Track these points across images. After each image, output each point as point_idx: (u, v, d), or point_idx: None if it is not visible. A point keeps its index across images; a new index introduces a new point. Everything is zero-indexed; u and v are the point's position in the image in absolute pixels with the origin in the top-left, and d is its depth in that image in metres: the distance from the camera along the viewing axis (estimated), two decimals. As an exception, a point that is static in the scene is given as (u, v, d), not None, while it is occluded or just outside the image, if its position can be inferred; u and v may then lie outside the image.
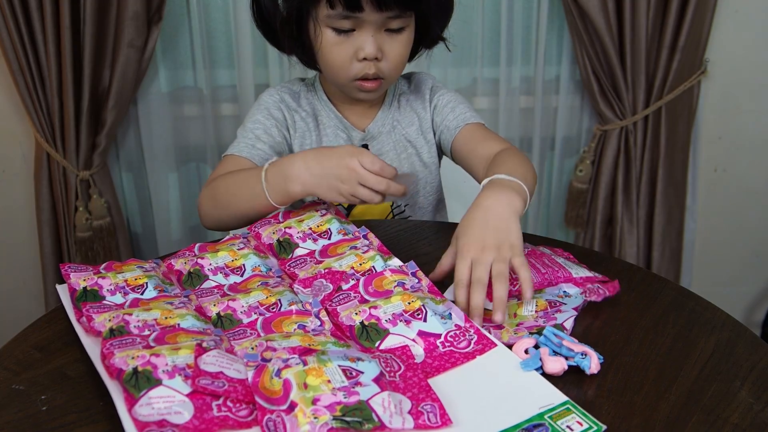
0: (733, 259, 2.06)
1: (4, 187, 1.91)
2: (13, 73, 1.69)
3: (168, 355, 0.68)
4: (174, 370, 0.67)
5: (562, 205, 1.99)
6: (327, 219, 0.99)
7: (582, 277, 0.89)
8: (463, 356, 0.74)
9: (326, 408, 0.63)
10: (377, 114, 1.22)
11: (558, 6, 1.80)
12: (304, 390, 0.64)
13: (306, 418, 0.62)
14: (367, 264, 0.87)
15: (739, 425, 0.65)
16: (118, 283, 0.85)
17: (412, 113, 1.24)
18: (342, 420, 0.62)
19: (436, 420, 0.64)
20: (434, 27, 1.14)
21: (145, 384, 0.65)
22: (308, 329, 0.78)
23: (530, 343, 0.75)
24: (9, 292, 2.01)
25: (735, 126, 1.93)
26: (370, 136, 1.21)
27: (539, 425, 0.63)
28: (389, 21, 1.05)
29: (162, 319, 0.78)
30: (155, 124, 1.84)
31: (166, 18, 1.75)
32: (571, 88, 1.89)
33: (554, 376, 0.71)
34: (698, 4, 1.70)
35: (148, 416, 0.63)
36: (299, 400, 0.63)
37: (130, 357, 0.68)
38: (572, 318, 0.81)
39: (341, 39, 1.06)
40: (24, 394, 0.69)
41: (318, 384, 0.65)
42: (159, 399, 0.64)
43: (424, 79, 1.27)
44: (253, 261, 0.92)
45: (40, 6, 1.63)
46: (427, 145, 1.24)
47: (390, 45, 1.08)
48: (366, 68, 1.08)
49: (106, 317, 0.77)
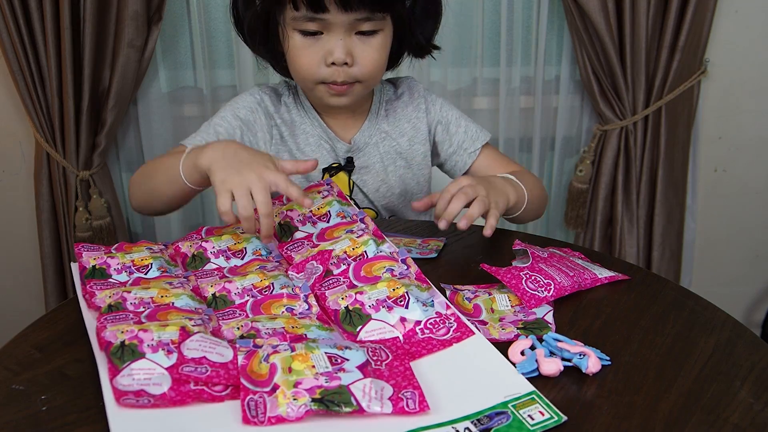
0: (733, 259, 2.06)
1: (4, 187, 1.91)
2: (13, 73, 1.70)
3: (155, 331, 0.72)
4: (158, 345, 0.70)
5: (562, 205, 1.99)
6: (328, 201, 0.99)
7: (606, 277, 0.91)
8: (440, 343, 0.76)
9: (306, 391, 0.65)
10: (363, 124, 1.17)
11: (558, 6, 1.80)
12: (288, 374, 0.67)
13: (285, 399, 0.65)
14: (359, 249, 0.89)
15: (739, 425, 0.65)
16: (125, 263, 0.89)
17: (404, 123, 1.19)
18: (320, 402, 0.65)
19: (415, 406, 0.66)
20: (417, 32, 1.10)
21: (129, 356, 0.69)
22: (295, 312, 0.81)
23: (526, 344, 0.75)
24: (9, 292, 2.01)
25: (735, 126, 1.93)
26: (356, 147, 1.17)
27: (502, 413, 0.64)
28: (359, 23, 1.01)
29: (158, 297, 0.81)
30: (155, 124, 1.84)
31: (166, 18, 1.75)
32: (571, 88, 1.89)
33: (551, 377, 0.71)
34: (698, 4, 1.70)
35: (128, 386, 0.67)
36: (282, 383, 0.66)
37: (120, 331, 0.72)
38: (550, 312, 0.82)
39: (309, 42, 1.03)
40: (24, 394, 0.69)
41: (302, 369, 0.67)
42: (140, 371, 0.68)
43: (414, 85, 1.21)
44: (255, 244, 0.95)
45: (40, 6, 1.63)
46: (418, 157, 1.19)
47: (361, 49, 1.03)
48: (335, 74, 1.03)
49: (107, 294, 0.82)
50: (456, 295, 0.86)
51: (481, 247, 1.01)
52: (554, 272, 0.87)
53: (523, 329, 0.79)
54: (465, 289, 0.88)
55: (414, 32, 1.10)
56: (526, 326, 0.80)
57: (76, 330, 0.80)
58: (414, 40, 1.12)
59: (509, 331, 0.79)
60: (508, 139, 1.91)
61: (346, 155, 1.17)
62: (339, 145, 1.16)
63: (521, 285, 0.85)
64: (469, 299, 0.85)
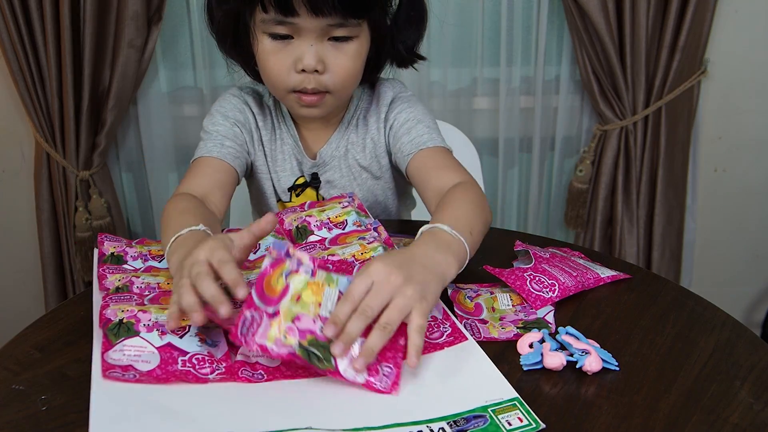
0: (733, 259, 2.06)
1: (4, 187, 1.91)
2: (13, 73, 1.70)
3: (154, 312, 0.75)
4: (154, 326, 0.73)
5: (562, 205, 1.99)
6: (346, 211, 1.00)
7: (609, 276, 0.91)
8: (432, 346, 0.77)
9: (299, 332, 0.69)
10: (332, 136, 1.12)
11: (558, 6, 1.80)
12: (294, 303, 0.70)
13: (278, 333, 0.68)
14: (368, 254, 0.89)
15: (739, 425, 0.65)
16: (142, 252, 0.94)
17: (365, 135, 1.12)
18: (304, 350, 0.68)
19: (386, 385, 0.68)
20: (397, 41, 1.05)
21: (124, 333, 0.73)
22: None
23: (536, 337, 0.76)
24: (9, 292, 2.01)
25: (735, 126, 1.93)
26: (322, 162, 1.12)
27: (480, 416, 0.65)
28: (332, 29, 0.96)
29: (164, 284, 0.84)
30: (155, 124, 1.84)
31: (166, 18, 1.75)
32: (571, 88, 1.89)
33: (554, 370, 0.72)
34: (698, 4, 1.70)
35: (117, 360, 0.71)
36: (283, 311, 0.69)
37: (121, 310, 0.75)
38: (551, 312, 0.83)
39: (279, 46, 0.98)
40: (24, 394, 0.69)
41: (309, 302, 0.70)
42: (132, 347, 0.71)
43: (385, 91, 1.13)
44: (268, 241, 0.96)
45: (40, 6, 1.63)
46: (381, 170, 1.13)
47: (334, 56, 0.98)
48: (305, 81, 0.98)
49: (118, 277, 0.86)
50: (458, 294, 0.86)
51: (482, 248, 1.01)
52: (558, 272, 0.88)
53: (523, 329, 0.79)
54: (467, 288, 0.88)
55: (394, 41, 1.05)
56: (525, 325, 0.80)
57: (76, 330, 0.80)
58: (394, 50, 1.06)
59: (509, 330, 0.79)
60: (508, 139, 1.90)
61: (311, 171, 1.14)
62: (305, 161, 1.13)
63: (526, 286, 0.85)
64: (471, 298, 0.85)
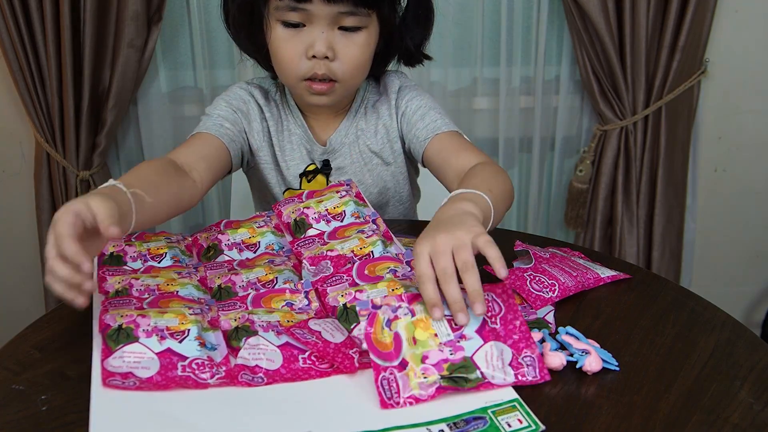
0: (733, 259, 2.06)
1: (4, 187, 1.91)
2: (13, 73, 1.70)
3: (153, 317, 0.74)
4: (153, 330, 0.73)
5: (562, 205, 1.99)
6: (344, 201, 1.00)
7: (609, 276, 0.91)
8: None
9: (434, 366, 0.69)
10: (341, 123, 1.16)
11: (558, 6, 1.80)
12: (413, 346, 0.70)
13: (417, 378, 0.68)
14: (367, 248, 0.90)
15: (739, 425, 0.65)
16: (141, 251, 0.93)
17: (376, 121, 1.16)
18: (449, 378, 0.69)
19: (535, 374, 0.71)
20: (406, 38, 1.10)
21: (123, 339, 0.72)
22: (294, 307, 0.82)
23: (537, 337, 0.76)
24: (9, 292, 2.01)
25: (735, 126, 1.93)
26: (332, 149, 1.16)
27: (479, 418, 0.66)
28: (342, 17, 1.01)
29: (164, 285, 0.84)
30: (155, 124, 1.84)
31: (166, 18, 1.75)
32: (571, 88, 1.89)
33: (554, 370, 0.72)
34: (698, 4, 1.70)
35: (117, 368, 0.70)
36: (409, 358, 0.70)
37: (120, 315, 0.74)
38: (551, 312, 0.83)
39: (291, 34, 1.02)
40: (24, 394, 0.69)
41: (426, 339, 0.71)
42: (131, 354, 0.71)
43: (392, 81, 1.18)
44: (268, 239, 0.97)
45: (40, 6, 1.63)
46: (393, 155, 1.17)
47: (343, 44, 1.03)
48: (315, 67, 1.03)
49: (117, 279, 0.85)
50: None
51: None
52: (558, 273, 0.87)
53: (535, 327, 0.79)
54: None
55: (403, 37, 1.09)
56: None
57: (76, 330, 0.80)
58: (402, 46, 1.11)
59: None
60: (508, 139, 1.90)
61: (322, 158, 1.17)
62: (315, 148, 1.16)
63: (526, 286, 0.85)
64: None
